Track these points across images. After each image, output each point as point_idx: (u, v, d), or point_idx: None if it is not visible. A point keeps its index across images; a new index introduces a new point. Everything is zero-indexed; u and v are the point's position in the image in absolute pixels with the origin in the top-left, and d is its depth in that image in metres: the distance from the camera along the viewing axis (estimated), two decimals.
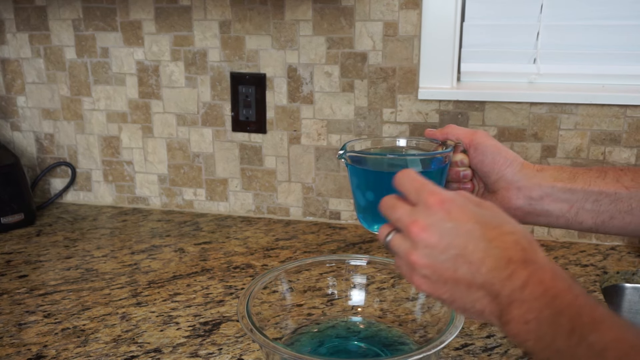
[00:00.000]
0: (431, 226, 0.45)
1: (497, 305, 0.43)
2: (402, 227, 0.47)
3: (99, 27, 1.16)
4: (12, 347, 0.74)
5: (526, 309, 0.41)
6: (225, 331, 0.78)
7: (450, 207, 0.45)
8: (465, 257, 0.44)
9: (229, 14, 1.10)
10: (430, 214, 0.45)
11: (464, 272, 0.44)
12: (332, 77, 1.10)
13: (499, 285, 0.43)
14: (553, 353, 0.40)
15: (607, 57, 1.04)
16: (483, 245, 0.44)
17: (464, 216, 0.45)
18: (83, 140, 1.25)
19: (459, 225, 0.45)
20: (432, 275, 0.46)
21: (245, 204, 1.21)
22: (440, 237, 0.45)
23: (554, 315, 0.40)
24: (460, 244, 0.44)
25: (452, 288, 0.45)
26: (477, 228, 0.44)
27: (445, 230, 0.45)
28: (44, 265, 0.98)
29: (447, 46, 1.04)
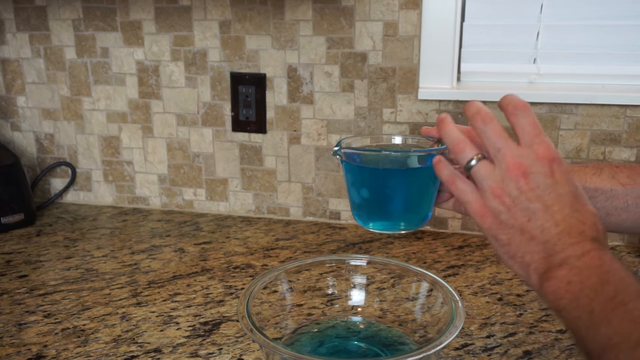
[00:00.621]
0: (531, 174, 0.46)
1: (547, 263, 0.44)
2: (500, 158, 0.47)
3: (99, 27, 1.16)
4: (12, 347, 0.74)
5: (575, 273, 0.42)
6: (225, 331, 0.78)
7: (556, 167, 0.46)
8: (546, 214, 0.45)
9: (229, 14, 1.10)
10: (536, 164, 0.46)
11: (535, 225, 0.46)
12: (332, 77, 1.10)
13: (560, 246, 0.44)
14: (585, 313, 0.41)
15: (607, 57, 1.04)
16: (567, 211, 0.45)
17: (563, 180, 0.46)
18: (83, 140, 1.25)
19: (556, 185, 0.46)
20: (505, 215, 0.47)
21: (245, 204, 1.21)
22: (535, 187, 0.46)
23: (600, 283, 0.41)
24: (548, 201, 0.45)
25: (515, 234, 0.46)
26: (570, 196, 0.46)
27: (542, 183, 0.46)
28: (44, 265, 0.98)
29: (447, 46, 1.04)
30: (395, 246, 1.05)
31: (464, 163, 0.50)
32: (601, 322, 0.39)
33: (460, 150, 0.50)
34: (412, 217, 0.65)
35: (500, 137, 0.48)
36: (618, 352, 0.37)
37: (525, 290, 0.89)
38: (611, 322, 0.38)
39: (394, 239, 1.08)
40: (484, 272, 0.95)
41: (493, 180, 0.47)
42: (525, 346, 0.74)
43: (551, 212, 0.45)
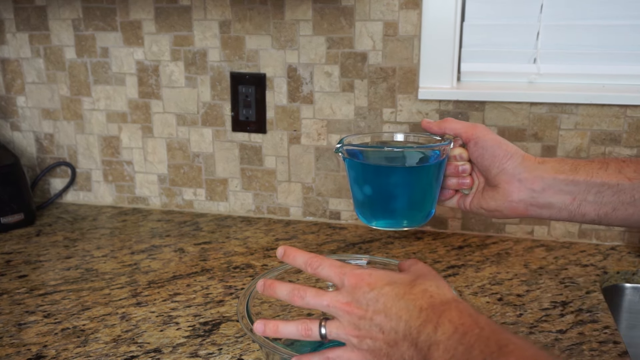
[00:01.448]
0: (357, 301, 0.51)
1: (419, 351, 0.47)
2: (332, 310, 0.52)
3: (99, 27, 1.16)
4: (12, 347, 0.74)
5: (443, 349, 0.45)
6: (225, 331, 0.78)
7: (368, 278, 0.51)
8: (387, 317, 0.49)
9: (229, 13, 1.10)
10: (354, 292, 0.51)
11: (389, 330, 0.49)
12: (332, 77, 1.10)
13: (415, 332, 0.48)
14: None
15: (607, 57, 1.04)
16: (398, 303, 0.49)
17: (380, 281, 0.51)
18: (83, 140, 1.25)
19: (378, 291, 0.50)
20: (370, 343, 0.51)
21: (245, 204, 1.21)
22: (367, 306, 0.50)
23: (466, 350, 0.44)
24: (380, 308, 0.50)
25: (388, 349, 0.50)
26: (391, 290, 0.50)
27: (368, 298, 0.50)
28: (44, 265, 0.98)
29: (447, 46, 1.04)
30: (395, 246, 1.05)
31: (318, 337, 0.53)
32: None
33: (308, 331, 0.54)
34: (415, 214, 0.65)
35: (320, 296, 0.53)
36: None
37: (526, 290, 0.89)
38: None
39: (394, 238, 1.08)
40: (484, 272, 0.95)
41: (345, 328, 0.52)
42: None
43: (389, 313, 0.49)
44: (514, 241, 1.08)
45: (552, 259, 1.00)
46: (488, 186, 0.64)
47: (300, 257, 0.56)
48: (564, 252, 1.03)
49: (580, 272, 0.95)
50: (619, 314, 0.99)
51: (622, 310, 0.99)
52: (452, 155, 0.64)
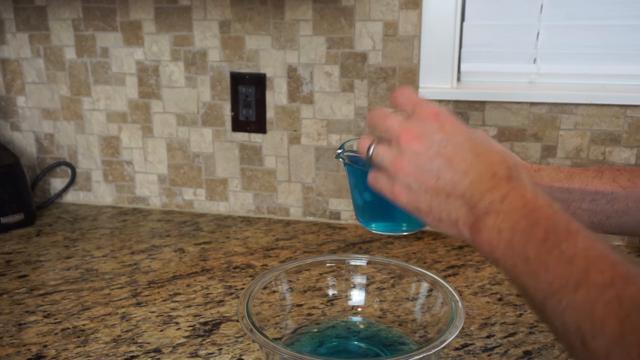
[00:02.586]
0: (422, 135, 0.46)
1: (473, 215, 0.44)
2: (391, 136, 0.47)
3: (99, 27, 1.16)
4: (12, 347, 0.74)
5: (502, 219, 0.42)
6: (225, 331, 0.78)
7: (444, 120, 0.46)
8: (451, 167, 0.45)
9: (229, 13, 1.10)
10: (422, 124, 0.46)
11: (446, 181, 0.45)
12: (332, 77, 1.10)
13: (478, 196, 0.44)
14: (521, 260, 0.40)
15: (607, 57, 1.04)
16: (470, 158, 0.45)
17: (455, 130, 0.46)
18: (83, 140, 1.25)
19: (449, 137, 0.45)
20: (414, 184, 0.46)
21: (245, 204, 1.21)
22: (430, 145, 0.45)
23: (530, 226, 0.40)
24: (447, 154, 0.45)
25: (431, 197, 0.46)
26: (467, 142, 0.45)
27: (436, 140, 0.45)
28: (44, 265, 0.98)
29: (447, 46, 1.04)
30: (395, 246, 1.05)
31: (365, 154, 0.50)
32: (538, 268, 0.38)
33: (362, 145, 0.50)
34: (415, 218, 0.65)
35: (385, 117, 0.48)
36: (561, 298, 0.36)
37: None
38: (548, 267, 0.38)
39: (394, 239, 1.08)
40: (484, 272, 0.95)
41: (391, 156, 0.47)
42: (525, 346, 0.74)
43: (455, 164, 0.45)
44: None
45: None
46: None
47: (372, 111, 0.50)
48: None
49: None
50: None
51: None
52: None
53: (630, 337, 0.31)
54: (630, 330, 0.32)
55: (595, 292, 0.34)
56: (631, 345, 0.31)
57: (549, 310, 0.37)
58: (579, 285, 0.35)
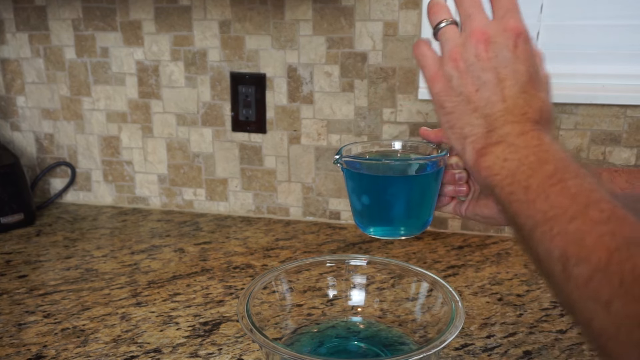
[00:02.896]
0: (494, 43, 0.45)
1: (485, 138, 0.44)
2: (468, 24, 0.47)
3: (99, 27, 1.16)
4: (11, 347, 0.74)
5: (512, 150, 0.42)
6: (225, 331, 0.78)
7: (521, 43, 0.46)
8: (495, 87, 0.45)
9: (228, 13, 1.10)
10: (501, 34, 0.46)
11: (483, 96, 0.45)
12: (332, 77, 1.10)
13: (500, 122, 0.44)
14: (520, 188, 0.40)
15: (607, 57, 1.04)
16: (516, 90, 0.45)
17: (524, 57, 0.46)
18: (83, 140, 1.25)
19: (515, 60, 0.45)
20: (455, 80, 0.46)
21: (245, 204, 1.21)
22: (493, 57, 0.45)
23: (538, 162, 0.41)
24: (501, 75, 0.45)
25: (460, 102, 0.46)
26: (525, 74, 0.45)
27: (502, 55, 0.45)
28: (44, 265, 0.98)
29: None
30: (395, 246, 1.05)
31: (434, 24, 0.49)
32: (538, 197, 0.39)
33: (435, 12, 0.50)
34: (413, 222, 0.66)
35: (474, 5, 0.47)
36: (553, 225, 0.37)
37: (526, 290, 0.89)
38: (549, 197, 0.38)
39: (394, 239, 1.08)
40: (484, 272, 0.95)
41: (454, 43, 0.47)
42: (525, 346, 0.74)
43: (501, 86, 0.45)
44: (514, 241, 1.08)
45: None
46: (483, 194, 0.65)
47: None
48: None
49: None
50: None
51: None
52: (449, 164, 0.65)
53: (614, 267, 0.32)
54: (617, 261, 0.32)
55: (590, 225, 0.35)
56: (614, 274, 0.32)
57: (535, 238, 0.38)
58: (575, 217, 0.36)
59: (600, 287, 0.32)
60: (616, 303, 0.31)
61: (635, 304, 0.30)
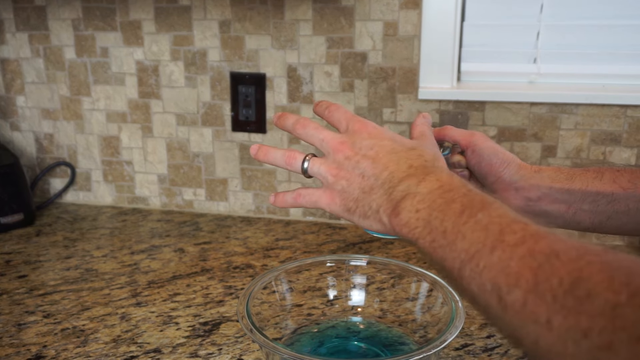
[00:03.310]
0: (353, 143, 0.51)
1: (391, 201, 0.47)
2: (325, 145, 0.53)
3: (99, 27, 1.16)
4: (11, 347, 0.74)
5: (419, 199, 0.45)
6: (225, 331, 0.78)
7: (372, 129, 0.52)
8: (374, 165, 0.49)
9: (228, 13, 1.10)
10: (354, 135, 0.52)
11: (369, 177, 0.49)
12: (332, 77, 1.09)
13: (396, 181, 0.47)
14: (439, 234, 0.42)
15: (607, 57, 1.04)
16: (390, 156, 0.50)
17: (382, 135, 0.52)
18: (83, 140, 1.24)
19: (375, 141, 0.51)
20: (345, 185, 0.51)
21: (245, 204, 1.21)
22: (358, 150, 0.51)
23: (446, 203, 0.43)
24: (372, 155, 0.50)
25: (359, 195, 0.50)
26: (390, 144, 0.51)
27: (364, 145, 0.51)
28: (44, 265, 0.98)
29: (447, 46, 1.04)
30: (395, 246, 1.05)
31: (299, 169, 0.54)
32: (456, 238, 0.40)
33: (292, 160, 0.55)
34: None
35: (319, 130, 0.54)
36: (478, 260, 0.38)
37: None
38: (465, 235, 0.40)
39: (394, 239, 1.08)
40: None
41: (326, 165, 0.52)
42: None
43: (377, 161, 0.50)
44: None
45: None
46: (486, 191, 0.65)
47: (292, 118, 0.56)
48: None
49: None
50: None
51: None
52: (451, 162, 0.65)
53: (543, 284, 0.33)
54: (543, 278, 0.33)
55: (509, 251, 0.36)
56: (545, 291, 0.32)
57: (466, 276, 0.39)
58: (494, 247, 0.37)
59: (536, 308, 0.33)
60: (555, 319, 0.31)
61: (574, 316, 0.30)
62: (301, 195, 0.55)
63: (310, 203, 0.54)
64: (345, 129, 0.53)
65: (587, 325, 0.29)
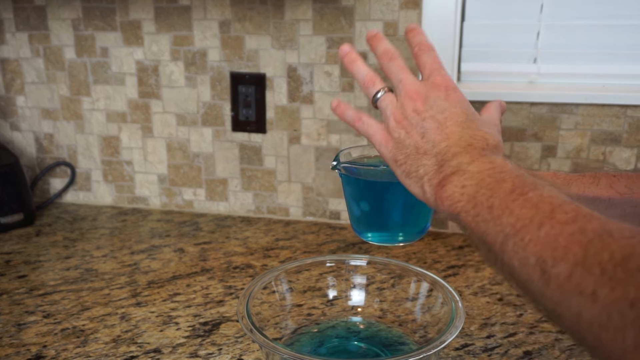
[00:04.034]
0: (427, 98, 0.51)
1: (439, 173, 0.47)
2: (401, 88, 0.52)
3: (99, 27, 1.16)
4: (11, 347, 0.74)
5: (467, 177, 0.45)
6: (225, 331, 0.78)
7: (451, 92, 0.51)
8: (437, 130, 0.49)
9: (228, 13, 1.10)
10: (432, 90, 0.51)
11: (428, 140, 0.49)
12: (332, 76, 1.09)
13: (450, 155, 0.47)
14: (484, 209, 0.42)
15: (607, 57, 1.04)
16: (457, 128, 0.49)
17: (457, 102, 0.51)
18: (82, 140, 1.24)
19: (449, 106, 0.50)
20: (403, 135, 0.51)
21: (245, 204, 1.21)
22: (429, 108, 0.50)
23: (496, 181, 0.43)
24: (440, 119, 0.50)
25: (411, 152, 0.50)
26: (461, 115, 0.50)
27: (436, 105, 0.50)
28: (44, 266, 0.98)
29: (447, 46, 1.04)
30: (395, 246, 1.05)
31: (371, 95, 0.55)
32: (502, 213, 0.40)
33: (370, 84, 0.55)
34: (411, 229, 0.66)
35: (402, 70, 0.53)
36: (524, 235, 0.38)
37: None
38: (513, 211, 0.40)
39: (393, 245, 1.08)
40: (484, 272, 0.95)
41: (394, 107, 0.52)
42: (526, 346, 0.74)
43: (442, 128, 0.49)
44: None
45: None
46: None
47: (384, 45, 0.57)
48: None
49: None
50: None
51: None
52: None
53: (592, 258, 0.33)
54: (592, 252, 0.33)
55: (559, 228, 0.36)
56: (593, 264, 0.32)
57: (508, 250, 0.39)
58: (542, 223, 0.37)
59: (583, 280, 0.33)
60: (601, 291, 0.31)
61: (622, 287, 0.30)
62: (361, 120, 0.55)
63: (365, 132, 0.54)
64: (427, 77, 0.52)
65: (635, 295, 0.29)
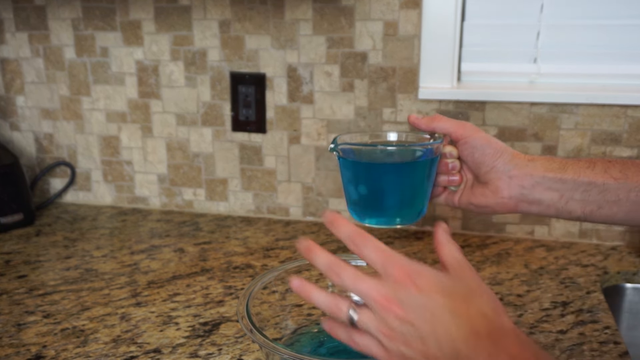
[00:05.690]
0: (400, 300, 0.45)
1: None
2: (369, 302, 0.46)
3: (99, 27, 1.16)
4: (11, 347, 0.74)
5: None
6: (225, 331, 0.78)
7: (418, 281, 0.46)
8: (434, 331, 0.44)
9: (228, 13, 1.10)
10: (398, 287, 0.46)
11: (432, 345, 0.44)
12: (332, 76, 1.09)
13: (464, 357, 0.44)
14: None
15: (607, 57, 1.04)
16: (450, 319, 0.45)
17: (429, 286, 0.46)
18: (82, 140, 1.24)
19: (426, 298, 0.45)
20: (404, 350, 0.45)
21: (245, 204, 1.21)
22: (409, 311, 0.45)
23: None
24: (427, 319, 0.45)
25: None
26: (443, 301, 0.45)
27: (413, 303, 0.45)
28: (44, 266, 0.98)
29: (448, 46, 1.04)
30: (395, 246, 1.05)
31: (346, 320, 0.48)
32: None
33: (336, 310, 0.49)
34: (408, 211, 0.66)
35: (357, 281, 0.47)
36: None
37: (526, 290, 0.89)
38: None
39: (394, 238, 1.08)
40: (484, 272, 0.95)
41: (377, 323, 0.46)
42: None
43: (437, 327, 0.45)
44: (514, 241, 1.08)
45: (552, 259, 1.00)
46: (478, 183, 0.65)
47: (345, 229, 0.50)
48: (564, 252, 1.03)
49: (581, 272, 0.95)
50: (619, 314, 0.98)
51: (622, 311, 0.99)
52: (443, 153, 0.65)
53: None
54: None
55: None
56: None
57: None
58: None
59: None
60: None
61: None
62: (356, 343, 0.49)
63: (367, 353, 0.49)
64: (384, 273, 0.47)
65: None
